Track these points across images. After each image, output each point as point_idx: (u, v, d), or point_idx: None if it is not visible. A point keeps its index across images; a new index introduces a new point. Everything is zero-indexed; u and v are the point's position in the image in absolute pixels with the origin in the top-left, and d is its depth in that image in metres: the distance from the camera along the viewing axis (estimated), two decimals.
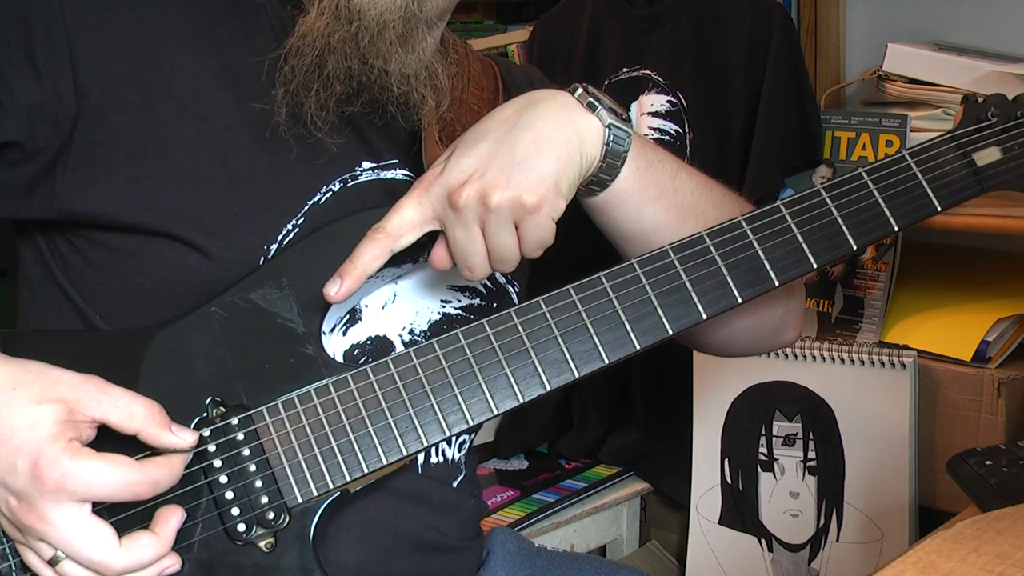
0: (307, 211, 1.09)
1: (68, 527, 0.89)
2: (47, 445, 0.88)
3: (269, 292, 1.03)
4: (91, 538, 0.90)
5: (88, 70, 1.04)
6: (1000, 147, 1.14)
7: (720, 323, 1.25)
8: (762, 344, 1.32)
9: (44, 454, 0.88)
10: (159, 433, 0.94)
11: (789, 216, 1.09)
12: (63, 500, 0.89)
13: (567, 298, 1.04)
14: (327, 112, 1.08)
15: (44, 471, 0.88)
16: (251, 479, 0.99)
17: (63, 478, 0.88)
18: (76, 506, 0.89)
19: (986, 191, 1.13)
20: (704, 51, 2.22)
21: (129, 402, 0.93)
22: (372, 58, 1.06)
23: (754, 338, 1.29)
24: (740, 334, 1.27)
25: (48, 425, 0.89)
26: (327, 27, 1.05)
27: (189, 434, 0.96)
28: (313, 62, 1.06)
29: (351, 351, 1.12)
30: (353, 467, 0.99)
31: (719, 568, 2.19)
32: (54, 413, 0.90)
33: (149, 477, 0.92)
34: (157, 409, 0.95)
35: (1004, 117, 1.15)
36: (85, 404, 0.92)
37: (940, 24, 2.23)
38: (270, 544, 0.98)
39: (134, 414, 0.93)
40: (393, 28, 1.05)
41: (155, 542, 0.92)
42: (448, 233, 1.03)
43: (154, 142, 1.05)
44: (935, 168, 1.12)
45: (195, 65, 1.08)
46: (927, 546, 1.01)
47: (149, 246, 1.06)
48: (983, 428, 1.85)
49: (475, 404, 1.01)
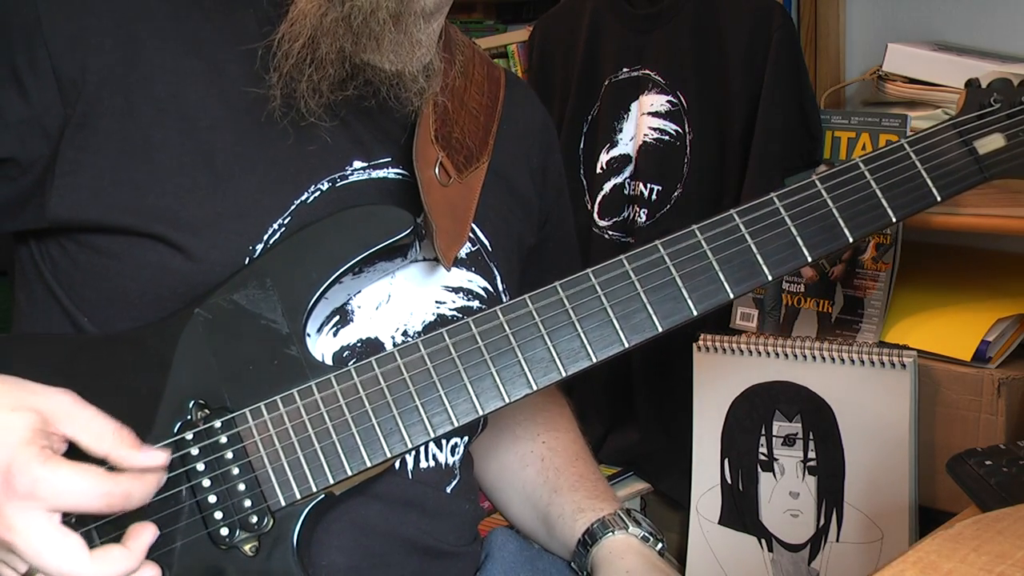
0: (293, 211, 1.09)
1: (36, 537, 0.86)
2: (19, 450, 0.87)
3: (253, 293, 1.03)
4: (60, 549, 0.87)
5: (71, 79, 1.04)
6: (1004, 134, 1.12)
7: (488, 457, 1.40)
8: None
9: (15, 459, 0.86)
10: (128, 455, 0.92)
11: (783, 208, 1.07)
12: (32, 508, 0.86)
13: (554, 295, 1.03)
14: (320, 96, 1.07)
15: (15, 476, 0.86)
16: (234, 482, 0.98)
17: (34, 484, 0.86)
18: (45, 515, 0.87)
19: (988, 180, 1.11)
20: (704, 51, 2.21)
21: (100, 423, 0.91)
22: (365, 38, 1.06)
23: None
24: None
25: (20, 432, 0.87)
26: (319, 9, 1.05)
27: (159, 453, 0.94)
28: (305, 44, 1.05)
29: (340, 353, 1.11)
30: (336, 469, 0.99)
31: (719, 568, 2.18)
32: (27, 420, 0.88)
33: (122, 488, 0.90)
34: (127, 431, 0.93)
35: (1008, 103, 1.14)
36: (58, 418, 0.90)
37: (940, 24, 2.22)
38: (254, 548, 0.97)
39: (104, 435, 0.91)
40: (386, 8, 1.05)
41: (126, 556, 0.90)
42: None
43: (137, 144, 1.05)
44: (935, 157, 1.10)
45: (176, 65, 1.08)
46: (927, 546, 1.00)
47: (133, 248, 1.05)
48: (983, 428, 1.84)
49: (460, 405, 1.01)
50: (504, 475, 1.41)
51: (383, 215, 1.06)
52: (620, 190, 2.31)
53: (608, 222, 2.33)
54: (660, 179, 2.24)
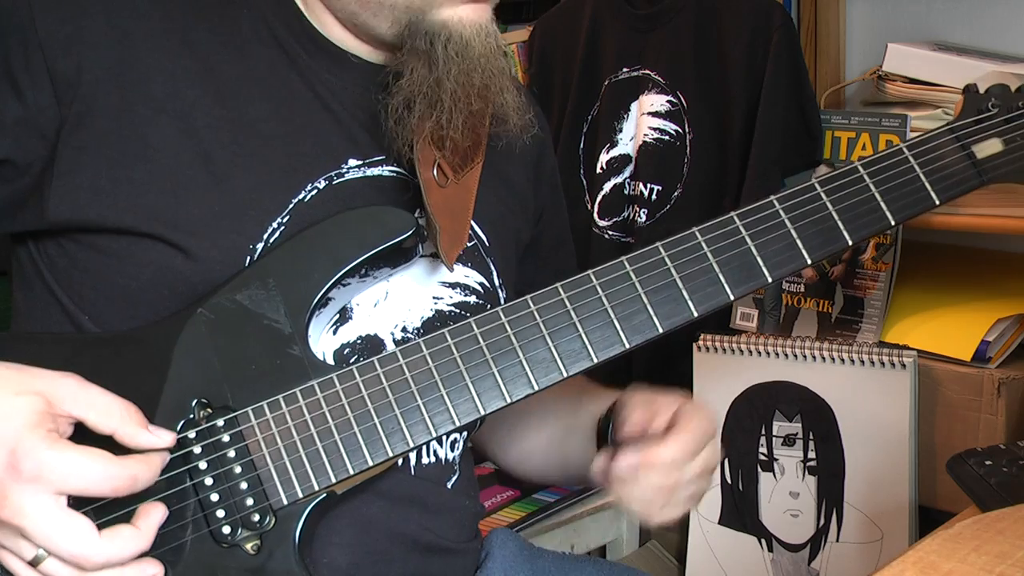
0: (292, 209, 1.09)
1: (44, 519, 0.87)
2: (25, 434, 0.87)
3: (255, 293, 1.03)
4: (69, 530, 0.88)
5: (66, 79, 1.05)
6: (1001, 138, 1.13)
7: (514, 439, 1.37)
8: (551, 474, 1.41)
9: (21, 442, 0.87)
10: (136, 432, 0.93)
11: (783, 211, 1.08)
12: (39, 491, 0.87)
13: (555, 296, 1.03)
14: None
15: (20, 460, 0.86)
16: (236, 481, 0.98)
17: (40, 467, 0.87)
18: (52, 498, 0.87)
19: (986, 184, 1.12)
20: (704, 51, 2.21)
21: (107, 401, 0.93)
22: None
23: (544, 465, 1.38)
24: (532, 455, 1.37)
25: (26, 415, 0.88)
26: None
27: (166, 433, 0.95)
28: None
29: (341, 350, 1.11)
30: (339, 468, 0.99)
31: (719, 568, 2.18)
32: (32, 404, 0.89)
33: (128, 471, 0.90)
34: (134, 409, 0.94)
35: (1006, 107, 1.14)
36: (63, 399, 0.91)
37: (940, 24, 2.22)
38: (256, 546, 0.98)
39: (111, 413, 0.92)
40: None
41: (135, 535, 0.91)
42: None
43: (135, 144, 1.06)
44: (933, 161, 1.11)
45: (171, 65, 1.08)
46: (927, 546, 1.01)
47: (134, 248, 1.06)
48: (983, 428, 1.84)
49: (462, 404, 1.01)
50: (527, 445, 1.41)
51: (385, 216, 1.07)
52: (620, 190, 2.31)
53: (608, 222, 2.33)
54: (660, 179, 2.24)
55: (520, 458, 1.41)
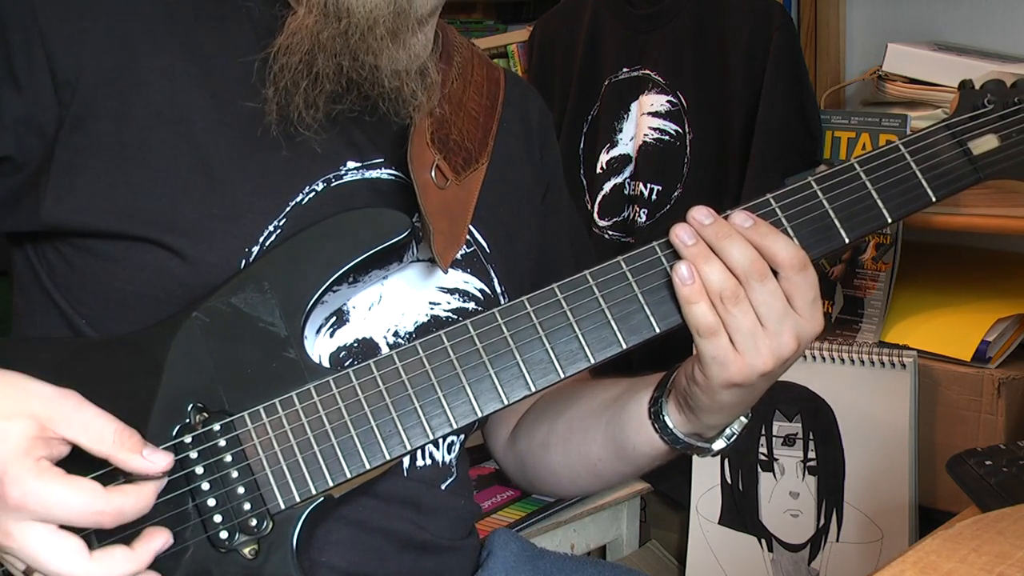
0: (289, 212, 1.09)
1: (32, 543, 0.86)
2: (13, 461, 0.86)
3: (251, 296, 1.02)
4: (56, 552, 0.87)
5: (66, 79, 1.04)
6: (997, 134, 1.12)
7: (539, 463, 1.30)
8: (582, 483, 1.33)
9: (8, 471, 0.86)
10: (129, 458, 0.91)
11: (779, 209, 1.08)
12: (24, 518, 0.86)
13: (552, 297, 1.03)
14: (316, 110, 1.07)
15: (7, 488, 0.85)
16: (233, 486, 0.98)
17: (24, 497, 0.85)
18: (40, 523, 0.87)
19: (982, 180, 1.12)
20: (704, 51, 2.21)
21: (101, 424, 0.90)
22: (363, 54, 1.06)
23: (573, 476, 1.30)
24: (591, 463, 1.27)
25: (16, 440, 0.87)
26: (316, 24, 1.05)
27: (161, 457, 0.93)
28: (302, 60, 1.06)
29: (337, 353, 1.11)
30: (336, 472, 0.99)
31: (719, 568, 2.18)
32: (24, 429, 0.87)
33: (113, 507, 0.89)
34: (129, 432, 0.92)
35: (1001, 103, 1.14)
36: (56, 422, 0.89)
37: (940, 24, 2.23)
38: (253, 551, 0.97)
39: (104, 437, 0.90)
40: (384, 24, 1.05)
41: (128, 558, 0.90)
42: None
43: (133, 147, 1.05)
44: (930, 158, 1.10)
45: (171, 68, 1.08)
46: (927, 546, 1.00)
47: (130, 251, 1.05)
48: (983, 428, 1.84)
49: (459, 407, 1.00)
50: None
51: (380, 218, 1.06)
52: (620, 190, 2.31)
53: (608, 222, 2.33)
54: (660, 179, 2.24)
55: (572, 476, 1.32)
